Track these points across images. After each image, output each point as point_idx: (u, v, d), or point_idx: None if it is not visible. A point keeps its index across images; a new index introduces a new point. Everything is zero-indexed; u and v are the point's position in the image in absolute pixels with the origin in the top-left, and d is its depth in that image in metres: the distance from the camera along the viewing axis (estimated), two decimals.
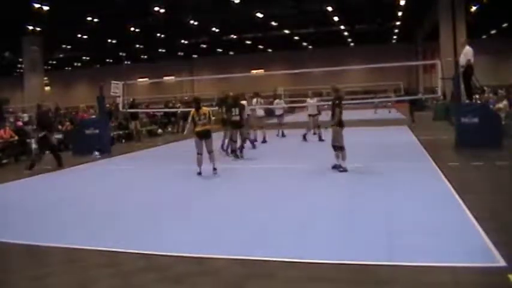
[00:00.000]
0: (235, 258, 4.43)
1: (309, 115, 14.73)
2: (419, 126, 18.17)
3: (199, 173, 9.26)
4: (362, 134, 16.35)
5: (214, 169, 9.28)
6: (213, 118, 10.45)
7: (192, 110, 9.66)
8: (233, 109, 11.62)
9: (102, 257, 4.67)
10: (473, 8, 27.28)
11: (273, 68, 43.74)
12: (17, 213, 6.93)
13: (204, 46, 44.32)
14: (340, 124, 8.83)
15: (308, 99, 15.05)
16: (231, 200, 7.18)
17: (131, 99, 20.42)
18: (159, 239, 5.23)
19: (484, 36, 39.33)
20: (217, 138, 11.80)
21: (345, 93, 18.96)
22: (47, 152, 11.63)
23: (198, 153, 9.35)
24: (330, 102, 9.68)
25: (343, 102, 9.30)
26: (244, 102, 12.90)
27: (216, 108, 13.76)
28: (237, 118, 11.55)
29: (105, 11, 26.81)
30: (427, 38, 37.10)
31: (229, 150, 11.99)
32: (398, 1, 27.01)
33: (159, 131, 20.99)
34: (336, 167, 8.89)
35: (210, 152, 9.40)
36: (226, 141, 12.33)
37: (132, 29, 33.13)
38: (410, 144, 13.06)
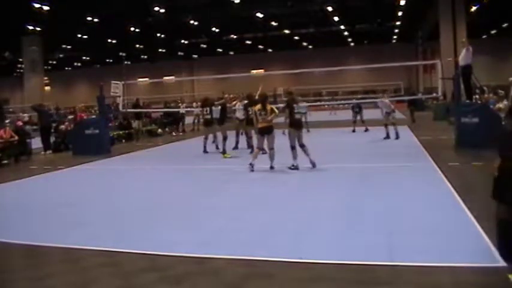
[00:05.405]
0: (236, 258, 4.43)
1: (386, 112, 14.44)
2: (419, 126, 18.17)
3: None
4: (362, 134, 16.37)
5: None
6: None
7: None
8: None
9: (102, 257, 4.66)
10: (473, 8, 27.31)
11: (273, 68, 43.72)
12: (17, 213, 6.92)
13: (204, 46, 44.33)
14: (292, 125, 9.43)
15: (382, 99, 14.86)
16: (231, 200, 7.17)
17: (135, 99, 20.50)
18: (159, 239, 5.23)
19: (484, 36, 39.35)
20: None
21: (312, 95, 19.17)
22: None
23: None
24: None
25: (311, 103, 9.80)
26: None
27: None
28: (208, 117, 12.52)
29: (105, 11, 26.85)
30: (427, 38, 37.15)
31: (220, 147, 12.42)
32: (399, 1, 27.05)
33: (159, 131, 20.98)
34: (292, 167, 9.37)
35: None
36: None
37: (132, 29, 33.15)
38: (411, 144, 13.06)
